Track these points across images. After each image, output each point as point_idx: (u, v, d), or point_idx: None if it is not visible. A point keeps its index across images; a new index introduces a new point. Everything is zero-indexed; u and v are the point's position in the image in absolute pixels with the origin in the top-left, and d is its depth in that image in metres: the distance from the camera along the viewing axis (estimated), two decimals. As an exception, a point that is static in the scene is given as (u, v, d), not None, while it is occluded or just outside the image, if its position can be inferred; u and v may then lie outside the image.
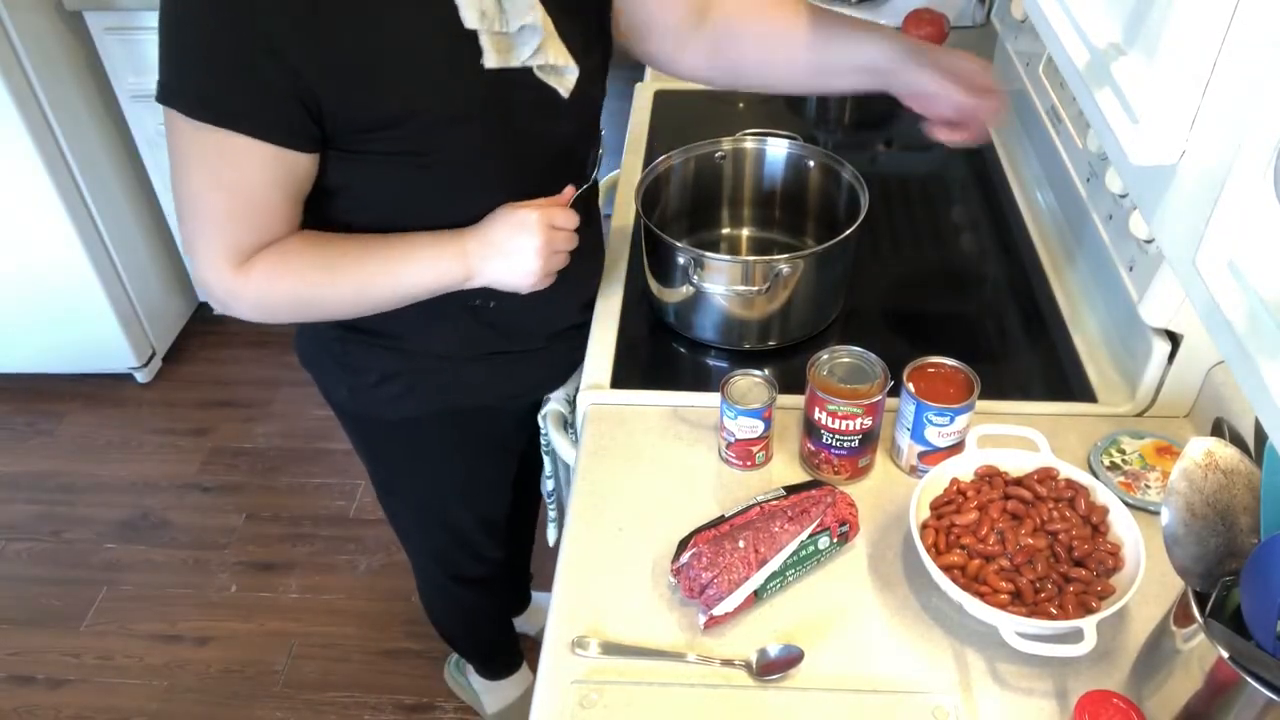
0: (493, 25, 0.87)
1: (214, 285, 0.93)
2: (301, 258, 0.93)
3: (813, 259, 1.15)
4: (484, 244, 0.97)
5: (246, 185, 0.87)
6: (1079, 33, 0.74)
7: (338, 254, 0.95)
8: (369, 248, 0.95)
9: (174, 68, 0.83)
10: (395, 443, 1.24)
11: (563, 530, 1.03)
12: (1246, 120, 0.55)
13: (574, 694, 0.87)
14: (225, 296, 0.94)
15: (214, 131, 0.83)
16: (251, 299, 0.94)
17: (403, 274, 0.96)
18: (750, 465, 1.06)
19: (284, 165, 0.87)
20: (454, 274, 0.97)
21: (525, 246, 0.96)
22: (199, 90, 0.83)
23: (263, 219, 0.90)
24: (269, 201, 0.89)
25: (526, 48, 0.90)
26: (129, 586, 2.10)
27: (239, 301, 0.94)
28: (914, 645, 0.90)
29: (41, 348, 2.48)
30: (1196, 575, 0.75)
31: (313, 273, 0.94)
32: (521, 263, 0.97)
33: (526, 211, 0.96)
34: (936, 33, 1.82)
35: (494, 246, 0.96)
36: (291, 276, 0.93)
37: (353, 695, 1.89)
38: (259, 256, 0.91)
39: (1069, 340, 1.21)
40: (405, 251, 0.96)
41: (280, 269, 0.92)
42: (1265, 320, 0.51)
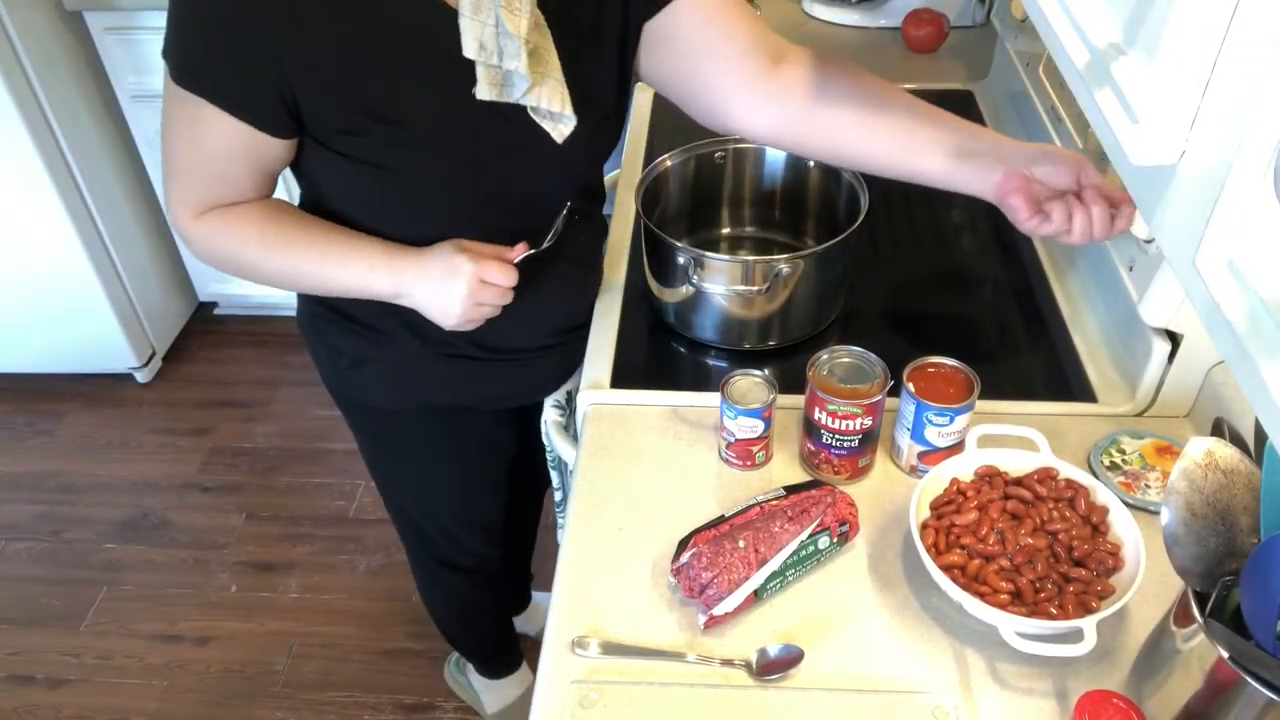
0: (489, 58, 0.87)
1: (177, 223, 0.99)
2: (248, 226, 0.98)
3: (813, 259, 1.15)
4: (419, 273, 0.98)
5: (212, 151, 0.92)
6: (1079, 32, 0.74)
7: (282, 233, 0.98)
8: (312, 236, 0.99)
9: (172, 29, 0.86)
10: (377, 428, 1.26)
11: (563, 530, 1.04)
12: (1247, 120, 0.55)
13: (574, 694, 0.87)
14: (180, 235, 1.00)
15: (193, 96, 0.87)
16: (198, 247, 1.00)
17: (333, 272, 0.99)
18: (750, 465, 1.06)
19: (252, 144, 0.90)
20: (382, 289, 1.00)
21: (453, 291, 0.97)
22: (187, 57, 0.86)
23: (223, 185, 0.95)
24: (231, 171, 0.94)
25: (518, 87, 0.89)
26: (129, 586, 2.10)
27: (189, 244, 1.00)
28: (914, 645, 0.90)
29: (42, 348, 2.48)
30: (1196, 575, 0.75)
31: (252, 244, 0.98)
32: (445, 303, 0.98)
33: (463, 259, 0.97)
34: (936, 32, 1.82)
35: (426, 279, 0.98)
36: (233, 238, 0.98)
37: (353, 695, 1.89)
38: (215, 213, 0.97)
39: (1069, 340, 1.21)
40: (344, 252, 0.99)
41: (226, 229, 0.97)
42: (1265, 320, 0.51)
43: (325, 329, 1.14)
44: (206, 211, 0.97)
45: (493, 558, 1.47)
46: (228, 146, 0.91)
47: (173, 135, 0.93)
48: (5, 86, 2.04)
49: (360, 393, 1.19)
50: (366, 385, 1.17)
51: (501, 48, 0.86)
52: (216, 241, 0.99)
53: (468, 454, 1.30)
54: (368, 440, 1.31)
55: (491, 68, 0.88)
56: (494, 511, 1.41)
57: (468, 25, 0.85)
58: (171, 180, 0.97)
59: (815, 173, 1.30)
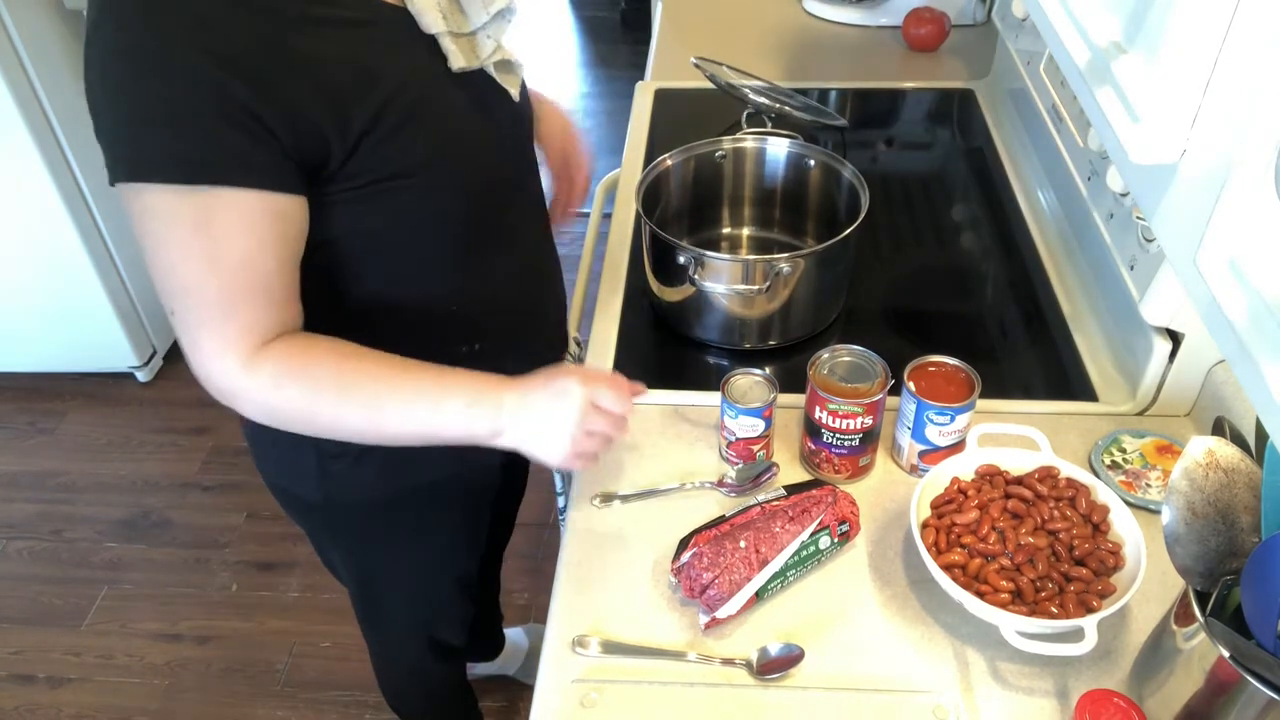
0: (454, 26, 0.83)
1: (217, 377, 0.82)
2: (322, 365, 0.84)
3: (813, 258, 1.15)
4: (521, 401, 0.86)
5: (238, 254, 0.78)
6: (1080, 31, 0.74)
7: (363, 368, 0.85)
8: (399, 371, 0.86)
9: (140, 132, 0.73)
10: (371, 527, 1.15)
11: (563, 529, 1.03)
12: (1248, 119, 0.55)
13: (574, 693, 0.87)
14: (230, 391, 0.83)
15: (193, 195, 0.74)
16: (257, 403, 0.84)
17: (424, 414, 0.86)
18: (751, 464, 1.06)
19: (277, 221, 0.79)
20: (482, 428, 0.87)
21: (562, 420, 0.86)
22: (178, 150, 0.73)
23: (264, 297, 0.81)
24: (265, 270, 0.80)
25: (490, 43, 0.85)
26: (130, 585, 2.11)
27: (244, 402, 0.84)
28: (914, 645, 0.90)
29: (42, 347, 2.49)
30: (1197, 574, 0.75)
31: (328, 388, 0.84)
32: (552, 438, 0.86)
33: (571, 380, 0.87)
34: (937, 31, 1.82)
35: (530, 410, 0.86)
36: (303, 383, 0.83)
37: (353, 694, 1.89)
38: (272, 351, 0.82)
39: (1070, 339, 1.20)
40: (436, 391, 0.86)
41: (293, 373, 0.83)
42: (1266, 319, 0.51)
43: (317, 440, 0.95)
44: (258, 353, 0.81)
45: (475, 618, 1.41)
46: (256, 237, 0.78)
47: (181, 269, 0.77)
48: (6, 86, 2.04)
49: (356, 490, 1.07)
50: (370, 480, 1.05)
51: (464, 5, 0.84)
52: (281, 393, 0.83)
53: (459, 512, 1.21)
54: (359, 548, 1.19)
55: (458, 36, 0.84)
56: (477, 561, 1.32)
57: (421, 4, 0.82)
58: (201, 325, 0.80)
59: (816, 172, 1.30)
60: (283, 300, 0.82)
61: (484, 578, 1.57)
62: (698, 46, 1.76)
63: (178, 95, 0.72)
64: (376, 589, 1.29)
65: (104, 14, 0.73)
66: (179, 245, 0.76)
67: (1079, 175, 1.28)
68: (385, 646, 1.44)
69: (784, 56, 1.83)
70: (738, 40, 1.88)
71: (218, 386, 0.83)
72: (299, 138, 0.77)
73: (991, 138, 1.58)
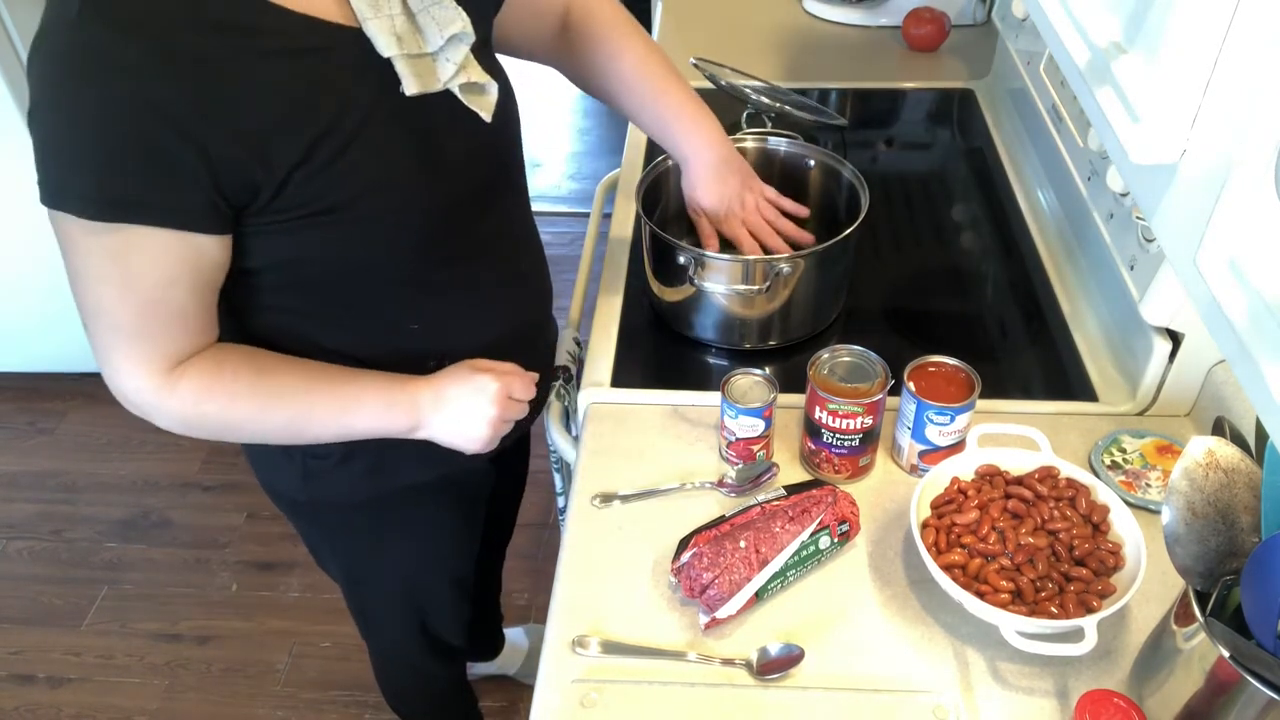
0: (410, 48, 0.81)
1: (131, 395, 0.85)
2: (237, 380, 0.87)
3: (813, 258, 1.15)
4: (437, 399, 0.92)
5: (150, 288, 0.79)
6: (1080, 31, 0.74)
7: (278, 380, 0.89)
8: (314, 379, 0.90)
9: (67, 167, 0.74)
10: (358, 527, 1.16)
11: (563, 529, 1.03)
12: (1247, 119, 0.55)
13: (574, 693, 0.87)
14: (145, 408, 0.86)
15: (110, 231, 0.75)
16: (174, 417, 0.86)
17: (346, 416, 0.91)
18: (751, 464, 1.06)
19: (192, 258, 0.79)
20: (400, 424, 0.92)
21: (478, 413, 0.92)
22: (100, 188, 0.74)
23: (178, 325, 0.82)
24: (177, 302, 0.81)
25: (450, 65, 0.84)
26: (130, 585, 2.11)
27: (162, 418, 0.86)
28: (914, 644, 0.90)
29: (43, 346, 2.49)
30: (1197, 574, 0.75)
31: (246, 399, 0.87)
32: (471, 427, 0.93)
33: (486, 378, 0.92)
34: (937, 31, 1.82)
35: (447, 403, 0.92)
36: (222, 398, 0.86)
37: (353, 694, 1.89)
38: (188, 370, 0.84)
39: (1070, 339, 1.20)
40: (354, 391, 0.91)
41: (211, 388, 0.85)
42: (1266, 319, 0.51)
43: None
44: (173, 372, 0.84)
45: (472, 619, 1.41)
46: (169, 273, 0.78)
47: (96, 293, 0.79)
48: (6, 86, 2.04)
49: (343, 492, 1.08)
50: (354, 479, 1.06)
51: (422, 26, 0.82)
52: (199, 408, 0.86)
53: (451, 513, 1.21)
54: (347, 547, 1.20)
55: (414, 58, 0.82)
56: (473, 561, 1.33)
57: (376, 27, 0.80)
58: (114, 350, 0.82)
59: (815, 172, 1.30)
60: (198, 327, 0.85)
61: (484, 578, 1.56)
62: (698, 46, 1.76)
63: (98, 133, 0.72)
64: (365, 588, 1.29)
65: (40, 39, 0.74)
66: (94, 271, 0.78)
67: (1079, 175, 1.28)
68: (380, 645, 1.44)
69: (784, 56, 1.83)
70: (738, 40, 1.88)
71: (132, 403, 0.86)
72: (222, 178, 0.76)
73: (991, 138, 1.58)
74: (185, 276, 0.80)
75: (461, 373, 0.94)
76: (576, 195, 3.26)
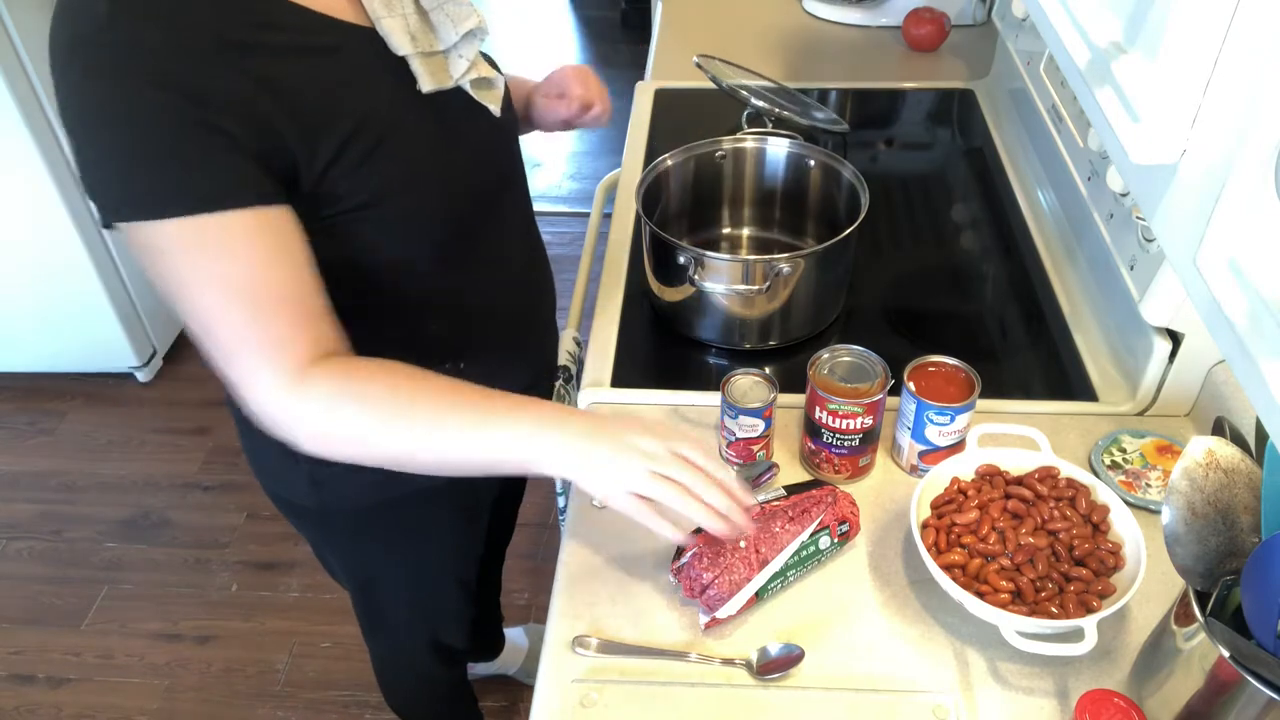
0: (423, 46, 0.82)
1: (267, 404, 0.79)
2: (375, 384, 0.80)
3: (813, 258, 1.15)
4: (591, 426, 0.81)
5: (249, 270, 0.76)
6: (1080, 31, 0.74)
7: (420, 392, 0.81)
8: (460, 395, 0.82)
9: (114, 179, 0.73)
10: (368, 532, 1.14)
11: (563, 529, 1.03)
12: (1247, 119, 0.55)
13: (574, 693, 0.87)
14: (281, 417, 0.79)
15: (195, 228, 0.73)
16: (310, 421, 0.79)
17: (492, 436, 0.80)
18: (751, 464, 1.06)
19: (276, 233, 0.77)
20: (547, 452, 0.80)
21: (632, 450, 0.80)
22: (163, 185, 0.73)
23: (286, 308, 0.78)
24: (281, 284, 0.77)
25: (463, 62, 0.85)
26: (130, 585, 2.11)
27: (298, 423, 0.80)
28: (914, 645, 0.90)
29: (43, 347, 2.49)
30: (1197, 574, 0.75)
31: (385, 407, 0.80)
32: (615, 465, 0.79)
33: (667, 428, 0.83)
34: (937, 31, 1.82)
35: (601, 432, 0.80)
36: (358, 403, 0.79)
37: (353, 694, 1.89)
38: (318, 374, 0.78)
39: (1070, 339, 1.20)
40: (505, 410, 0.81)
41: (344, 389, 0.79)
42: (1266, 319, 0.51)
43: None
44: (305, 375, 0.78)
45: (477, 619, 1.41)
46: (262, 254, 0.76)
47: (201, 303, 0.76)
48: (6, 86, 2.04)
49: (350, 497, 1.06)
50: (362, 485, 1.03)
51: (435, 25, 0.83)
52: (335, 415, 0.79)
53: (461, 515, 1.21)
54: (357, 553, 1.19)
55: (428, 56, 0.83)
56: (478, 561, 1.32)
57: (389, 25, 0.81)
58: (236, 359, 0.77)
59: (816, 172, 1.30)
60: (311, 313, 0.79)
61: (484, 579, 1.56)
62: (698, 46, 1.76)
63: (156, 131, 0.71)
64: (376, 594, 1.29)
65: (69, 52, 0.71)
66: (190, 278, 0.75)
67: (1079, 175, 1.28)
68: (387, 650, 1.44)
69: (784, 56, 1.84)
70: (738, 40, 1.88)
71: (271, 417, 0.79)
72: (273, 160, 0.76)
73: (991, 138, 1.58)
74: (281, 254, 0.77)
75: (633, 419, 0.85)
76: (576, 195, 3.26)
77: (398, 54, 0.81)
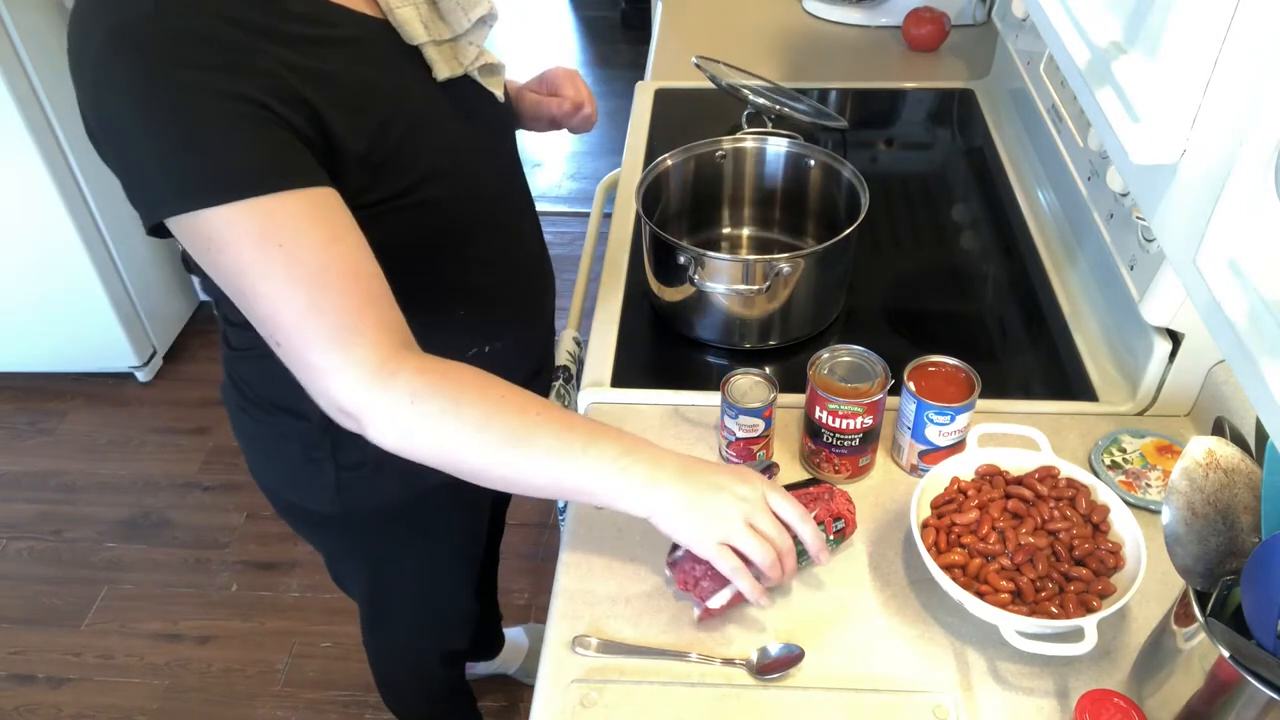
0: (436, 35, 0.83)
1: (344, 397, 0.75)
2: (463, 384, 0.77)
3: (813, 258, 1.15)
4: (686, 468, 0.80)
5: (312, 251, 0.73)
6: (1080, 31, 0.74)
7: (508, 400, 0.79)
8: (550, 408, 0.80)
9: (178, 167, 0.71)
10: (386, 532, 1.15)
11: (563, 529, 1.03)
12: (1247, 119, 0.55)
13: (574, 693, 0.87)
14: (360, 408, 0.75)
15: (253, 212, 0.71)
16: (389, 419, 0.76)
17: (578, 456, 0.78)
18: (751, 464, 1.06)
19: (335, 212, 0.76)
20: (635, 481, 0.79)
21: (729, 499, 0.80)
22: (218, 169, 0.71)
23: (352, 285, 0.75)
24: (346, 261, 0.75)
25: (473, 49, 0.86)
26: (130, 585, 2.11)
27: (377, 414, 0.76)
28: (914, 645, 0.90)
29: (42, 347, 2.49)
30: (1197, 574, 0.75)
31: (472, 403, 0.77)
32: (708, 514, 0.79)
33: (753, 472, 0.83)
34: (937, 31, 1.82)
35: (696, 477, 0.80)
36: (444, 398, 0.76)
37: (353, 694, 1.89)
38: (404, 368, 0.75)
39: (1070, 339, 1.20)
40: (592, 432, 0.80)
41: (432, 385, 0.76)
42: (1266, 319, 0.51)
43: (335, 451, 1.00)
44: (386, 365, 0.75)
45: (478, 615, 1.41)
46: (324, 234, 0.74)
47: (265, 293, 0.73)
48: (6, 86, 2.04)
49: (373, 498, 1.06)
50: (383, 487, 1.04)
51: (445, 13, 0.84)
52: (418, 408, 0.75)
53: (470, 511, 1.23)
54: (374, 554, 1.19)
55: (440, 44, 0.84)
56: (480, 559, 1.33)
57: (403, 16, 0.82)
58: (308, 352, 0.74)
59: (816, 172, 1.30)
60: (378, 295, 0.76)
61: (483, 577, 1.57)
62: (698, 46, 1.75)
63: (199, 117, 0.71)
64: (386, 594, 1.29)
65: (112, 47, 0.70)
66: (251, 267, 0.73)
67: (1079, 175, 1.28)
68: (390, 651, 1.44)
69: (784, 56, 1.83)
70: (738, 40, 1.88)
71: (349, 408, 0.75)
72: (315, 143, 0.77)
73: (991, 138, 1.58)
74: (341, 232, 0.75)
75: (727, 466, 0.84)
76: (576, 195, 3.26)
77: (411, 43, 0.83)
